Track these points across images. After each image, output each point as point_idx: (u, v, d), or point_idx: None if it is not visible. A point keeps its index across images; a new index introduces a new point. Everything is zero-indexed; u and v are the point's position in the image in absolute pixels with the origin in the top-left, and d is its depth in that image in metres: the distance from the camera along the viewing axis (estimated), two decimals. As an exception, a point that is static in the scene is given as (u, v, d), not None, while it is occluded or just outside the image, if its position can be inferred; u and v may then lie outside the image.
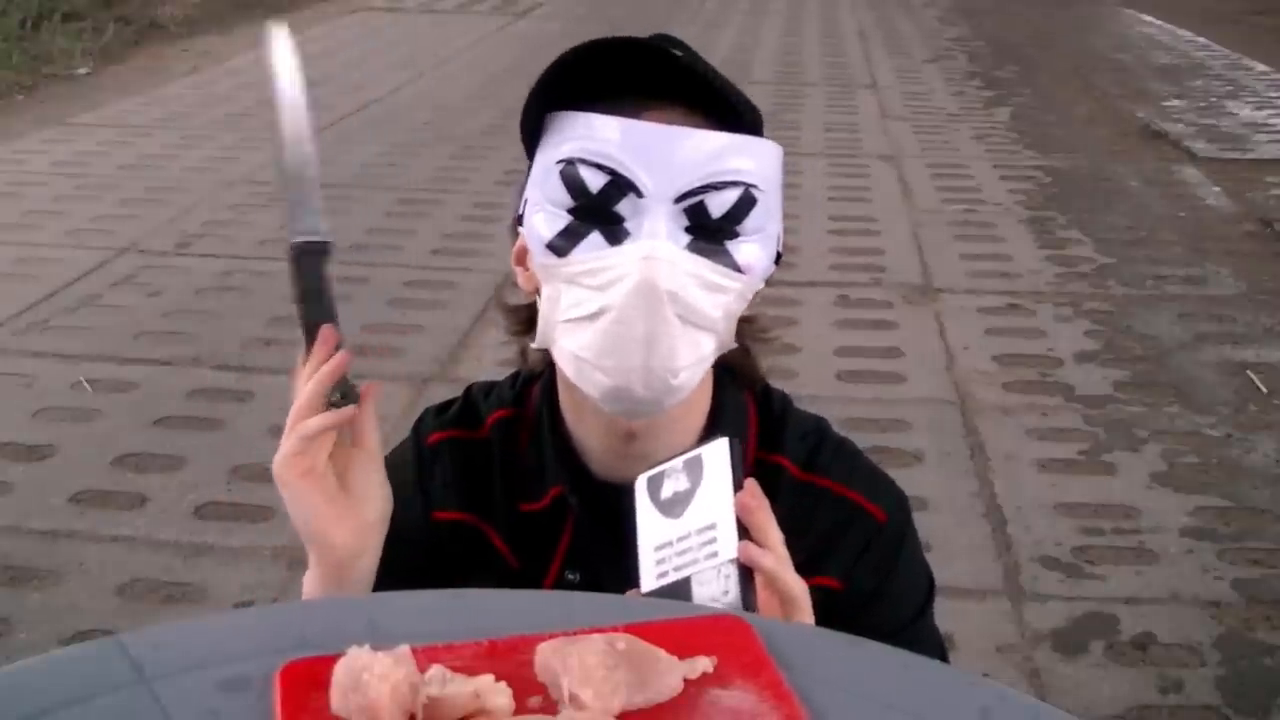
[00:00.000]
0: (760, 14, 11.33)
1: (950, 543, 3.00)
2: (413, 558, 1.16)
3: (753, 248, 1.05)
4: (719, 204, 1.03)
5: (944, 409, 3.75)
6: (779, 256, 1.10)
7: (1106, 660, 2.67)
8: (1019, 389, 3.90)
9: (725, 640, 0.82)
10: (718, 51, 9.07)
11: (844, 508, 1.16)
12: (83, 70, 8.42)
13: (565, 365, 1.07)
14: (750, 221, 1.04)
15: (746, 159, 1.04)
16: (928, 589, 1.22)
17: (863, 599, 1.15)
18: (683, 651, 0.80)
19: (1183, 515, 3.20)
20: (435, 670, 0.76)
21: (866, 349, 4.17)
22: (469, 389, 1.25)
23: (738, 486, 0.94)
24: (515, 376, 1.24)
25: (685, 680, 0.79)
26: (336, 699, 0.75)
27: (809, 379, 3.78)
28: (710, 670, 0.80)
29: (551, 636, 0.80)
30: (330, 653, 0.77)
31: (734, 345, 1.09)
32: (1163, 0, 11.80)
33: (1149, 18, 11.43)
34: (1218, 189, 6.10)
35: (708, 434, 1.13)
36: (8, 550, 2.99)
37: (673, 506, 0.96)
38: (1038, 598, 2.87)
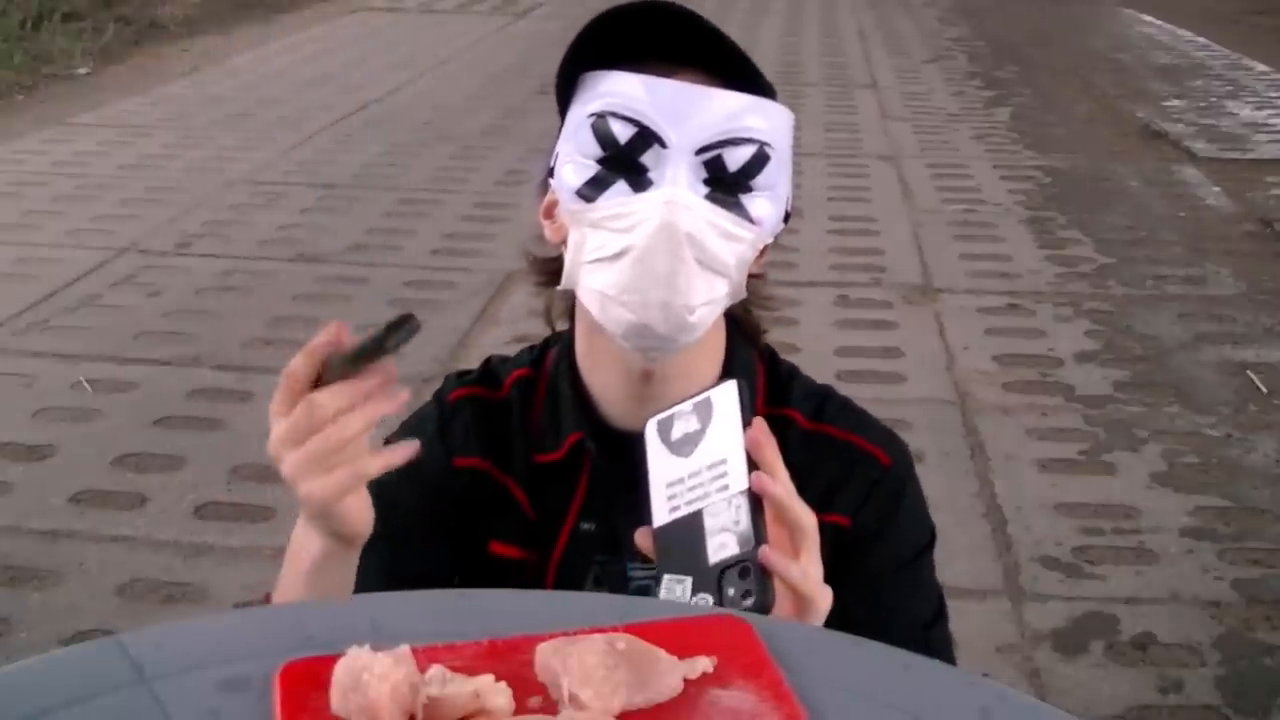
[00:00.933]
0: (760, 14, 11.33)
1: (950, 543, 2.98)
2: (434, 502, 1.21)
3: (764, 202, 1.13)
4: (735, 159, 1.11)
5: (944, 409, 3.75)
6: (787, 216, 1.18)
7: (1106, 660, 2.67)
8: (1019, 389, 3.90)
9: (725, 640, 0.82)
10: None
11: (850, 452, 1.23)
12: (83, 70, 8.42)
13: (590, 303, 1.14)
14: (763, 177, 1.12)
15: (761, 119, 1.12)
16: (929, 536, 1.28)
17: (867, 538, 1.20)
18: (683, 651, 0.80)
19: (1183, 515, 3.20)
20: (435, 670, 0.76)
21: (866, 349, 4.17)
22: (488, 359, 1.32)
23: (746, 424, 0.98)
24: (533, 347, 1.31)
25: (685, 680, 0.79)
26: (336, 699, 0.75)
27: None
28: (710, 670, 0.80)
29: (551, 636, 0.80)
30: (330, 653, 0.77)
31: (744, 295, 1.16)
32: (1163, 0, 11.80)
33: (1149, 17, 11.43)
34: (1218, 189, 6.10)
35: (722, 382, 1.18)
36: (8, 550, 2.99)
37: (683, 446, 1.00)
38: (1038, 598, 2.87)
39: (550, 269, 1.22)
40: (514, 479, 1.23)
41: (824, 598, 0.99)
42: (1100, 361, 4.10)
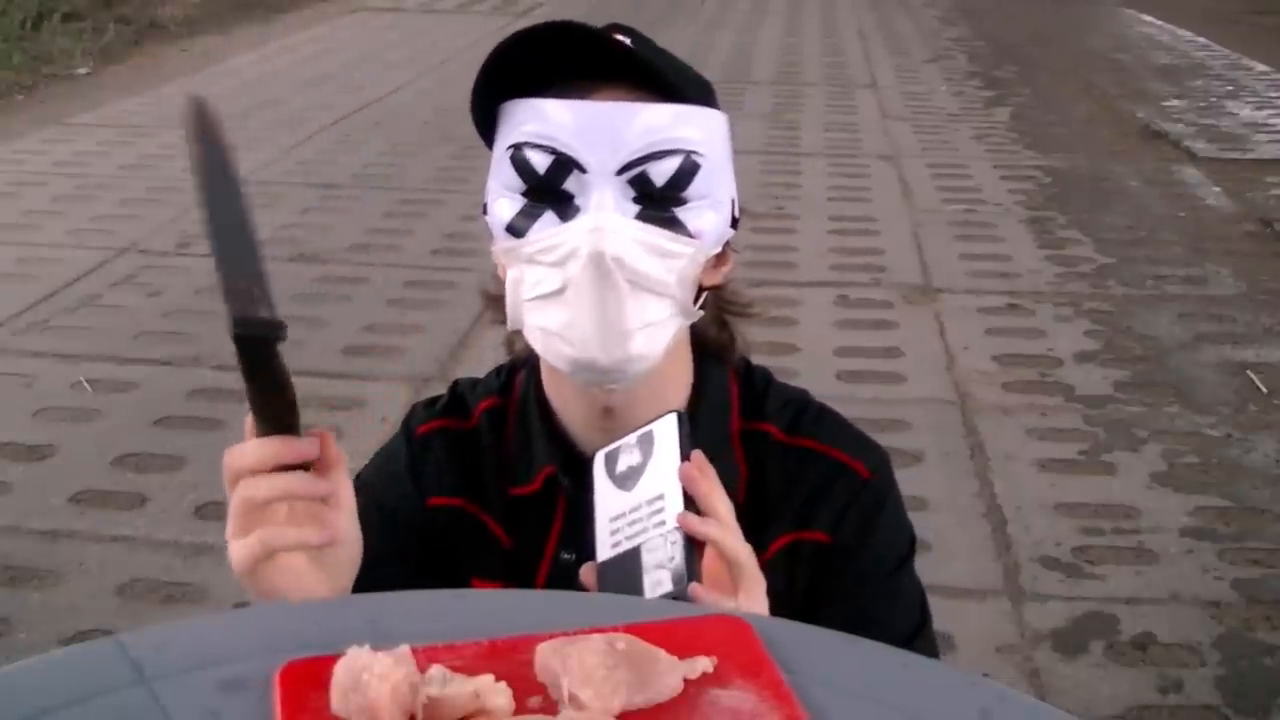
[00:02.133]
0: (760, 14, 11.33)
1: (950, 543, 3.00)
2: (411, 544, 1.19)
3: (703, 212, 1.09)
4: (660, 172, 1.06)
5: (944, 409, 3.75)
6: (735, 221, 1.13)
7: (1106, 660, 2.67)
8: (1019, 389, 3.90)
9: (725, 640, 0.82)
10: (718, 51, 9.08)
11: (828, 465, 1.20)
12: (83, 70, 8.42)
13: (534, 342, 1.11)
14: (695, 187, 1.08)
15: (687, 128, 1.07)
16: (909, 545, 1.24)
17: (848, 551, 1.18)
18: (683, 651, 0.80)
19: (1183, 515, 3.20)
20: (435, 670, 0.76)
21: (866, 349, 4.17)
22: (455, 384, 1.28)
23: (684, 457, 0.98)
24: (500, 369, 1.27)
25: (685, 680, 0.79)
26: (336, 699, 0.75)
27: (809, 379, 3.75)
28: (710, 670, 0.80)
29: (551, 636, 0.80)
30: (330, 653, 0.77)
31: (700, 314, 1.12)
32: (1163, 0, 11.80)
33: (1149, 18, 11.43)
34: (1218, 189, 6.10)
35: (691, 409, 1.17)
36: (8, 550, 2.99)
37: (626, 480, 1.00)
38: (1038, 598, 2.87)
39: (505, 305, 1.18)
40: (489, 513, 1.20)
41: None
42: (1100, 361, 4.10)
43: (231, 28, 10.08)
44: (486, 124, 1.13)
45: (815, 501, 1.18)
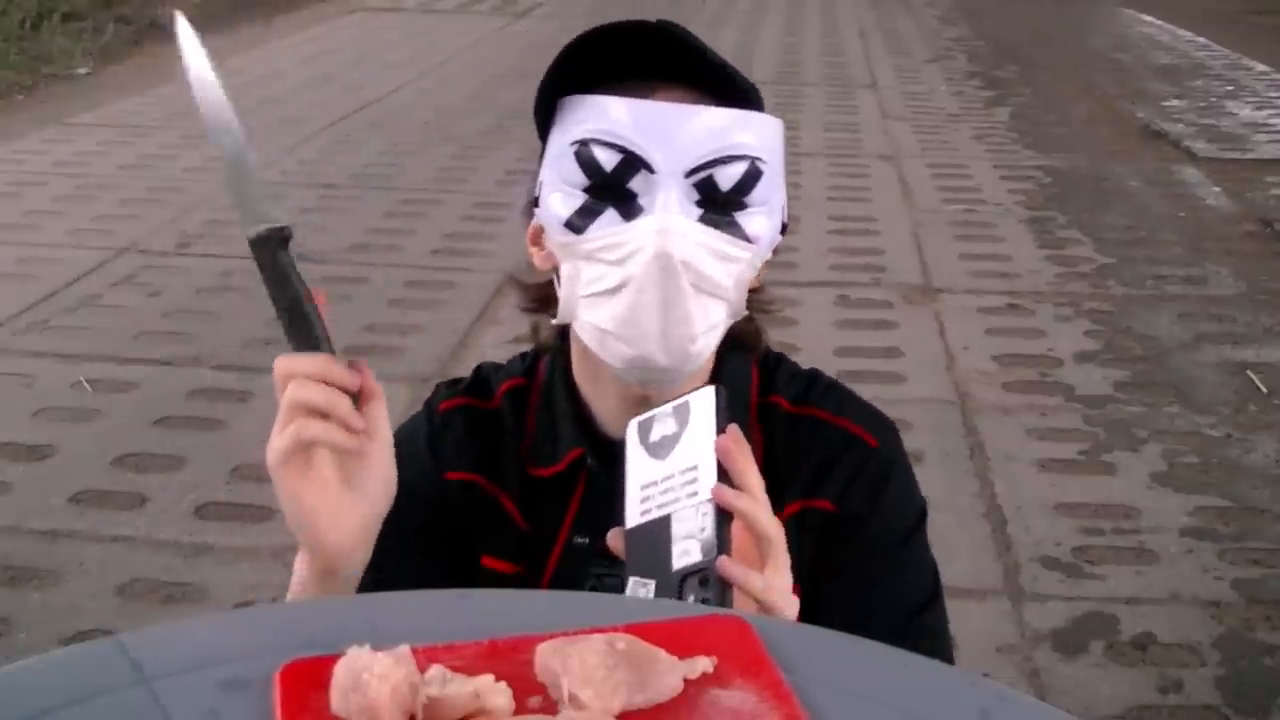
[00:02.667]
0: (760, 14, 11.33)
1: (950, 543, 3.00)
2: (425, 517, 1.19)
3: (760, 218, 1.10)
4: (727, 177, 1.07)
5: (944, 409, 3.75)
6: (784, 227, 1.14)
7: (1106, 660, 2.68)
8: (1019, 389, 3.90)
9: (725, 640, 0.82)
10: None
11: (836, 435, 1.20)
12: (83, 70, 8.42)
13: (588, 338, 1.11)
14: (757, 193, 1.09)
15: (750, 134, 1.09)
16: (919, 515, 1.24)
17: (855, 521, 1.18)
18: (683, 651, 0.80)
19: (1183, 515, 3.20)
20: (435, 670, 0.76)
21: (866, 349, 4.17)
22: (479, 366, 1.29)
23: (720, 430, 0.97)
24: (524, 354, 1.28)
25: (685, 680, 0.79)
26: (336, 699, 0.75)
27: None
28: (710, 670, 0.80)
29: (551, 636, 0.80)
30: (330, 653, 0.77)
31: (745, 313, 1.13)
32: (1163, 0, 11.80)
33: (1149, 18, 11.43)
34: (1218, 189, 6.10)
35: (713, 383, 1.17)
36: (8, 550, 2.99)
37: (660, 449, 0.99)
38: (1038, 598, 2.87)
39: (538, 295, 1.20)
40: (506, 492, 1.21)
41: (789, 608, 0.98)
42: (1100, 361, 4.10)
43: (231, 28, 10.08)
44: (543, 119, 1.13)
45: (823, 471, 1.19)
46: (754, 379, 1.23)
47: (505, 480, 1.21)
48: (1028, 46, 10.05)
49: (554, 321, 1.15)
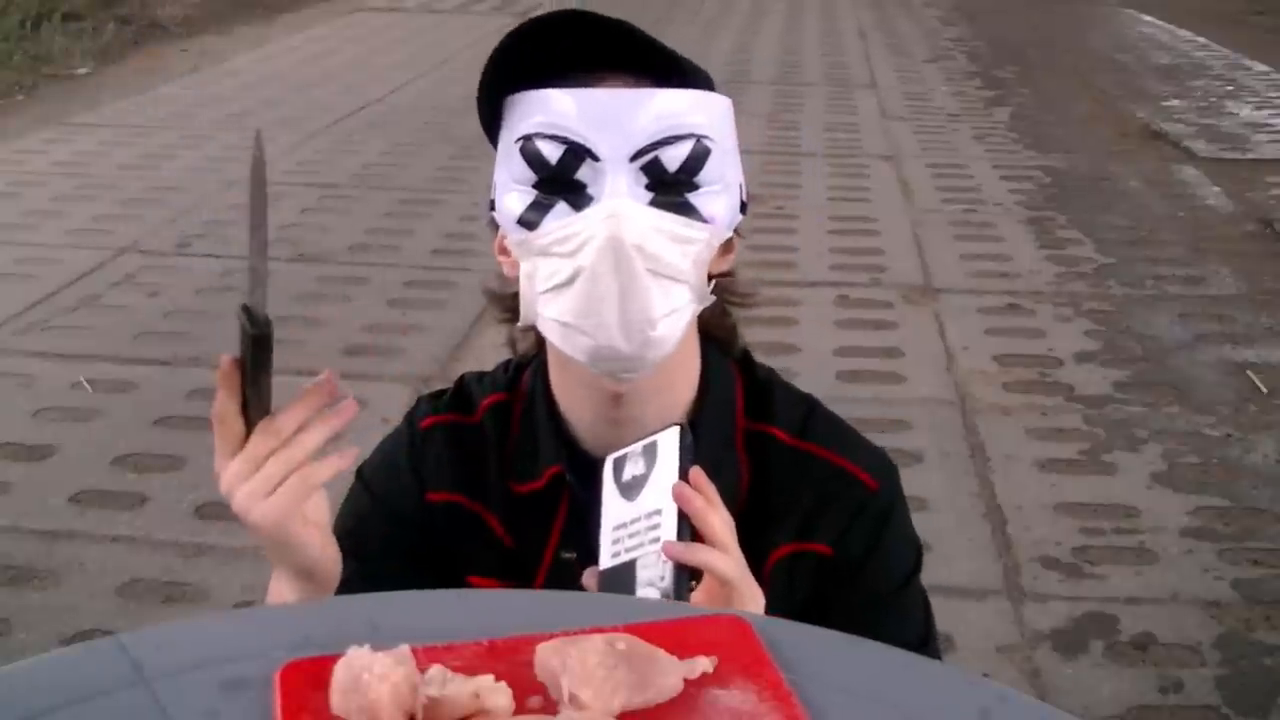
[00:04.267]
0: (760, 14, 11.33)
1: (950, 543, 3.00)
2: (410, 539, 1.19)
3: (715, 198, 1.09)
4: (673, 158, 1.06)
5: (944, 409, 3.75)
6: (744, 206, 1.13)
7: (1106, 660, 2.67)
8: (1019, 389, 3.90)
9: (725, 640, 0.82)
10: (718, 52, 9.07)
11: (835, 475, 1.18)
12: (83, 70, 8.42)
13: (550, 334, 1.10)
14: (707, 172, 1.08)
15: (696, 113, 1.08)
16: (916, 557, 1.23)
17: (852, 565, 1.17)
18: (683, 651, 0.80)
19: (1183, 515, 3.20)
20: (435, 670, 0.76)
21: (866, 349, 4.17)
22: (462, 377, 1.28)
23: (683, 473, 0.97)
24: (508, 364, 1.27)
25: (685, 680, 0.79)
26: (336, 699, 0.75)
27: (809, 379, 3.77)
28: (710, 670, 0.80)
29: (551, 636, 0.80)
30: (330, 653, 0.77)
31: (712, 299, 1.12)
32: (1163, 0, 11.80)
33: (1149, 17, 11.43)
34: (1218, 189, 6.10)
35: (698, 403, 1.17)
36: (8, 550, 2.99)
37: (630, 489, 1.00)
38: (1038, 598, 2.87)
39: (511, 304, 1.18)
40: (489, 509, 1.20)
41: None
42: (1100, 361, 4.10)
43: (231, 28, 10.08)
44: (490, 120, 1.13)
45: (819, 511, 1.17)
46: (739, 392, 1.21)
47: (488, 498, 1.20)
48: (1028, 46, 10.05)
49: (519, 325, 1.14)
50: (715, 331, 1.19)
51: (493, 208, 1.13)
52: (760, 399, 1.21)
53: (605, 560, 0.99)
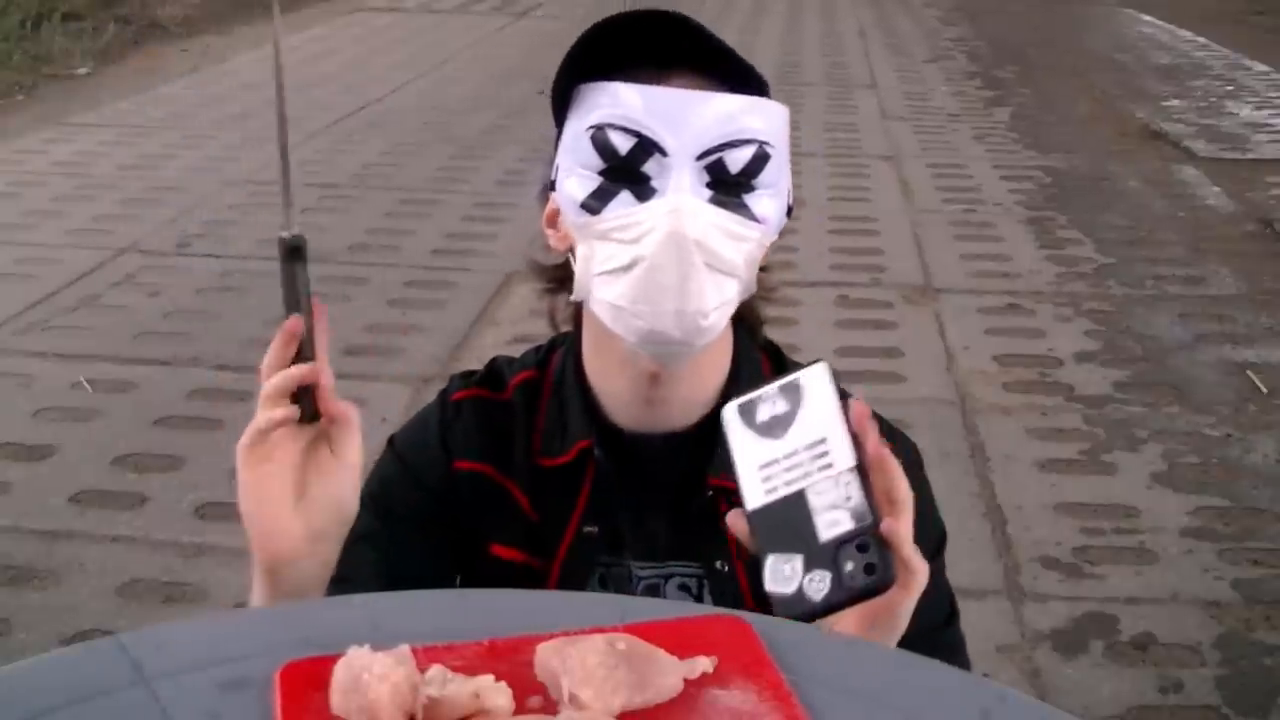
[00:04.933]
0: (760, 14, 11.33)
1: (950, 543, 2.99)
2: (435, 508, 1.22)
3: (767, 200, 1.14)
4: (736, 160, 1.11)
5: (944, 409, 3.75)
6: (790, 210, 1.19)
7: (1106, 660, 2.68)
8: (1019, 389, 3.90)
9: (725, 640, 0.82)
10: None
11: None
12: (83, 70, 8.42)
13: (603, 314, 1.14)
14: (765, 176, 1.13)
15: (759, 119, 1.13)
16: (940, 538, 1.28)
17: None
18: (683, 651, 0.80)
19: (1183, 515, 3.20)
20: (435, 670, 0.76)
21: (866, 349, 4.17)
22: (494, 359, 1.32)
23: (842, 405, 0.97)
24: (539, 347, 1.31)
25: (685, 680, 0.79)
26: (336, 699, 0.75)
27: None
28: (710, 670, 0.80)
29: (551, 636, 0.80)
30: (330, 653, 0.77)
31: (754, 291, 1.17)
32: (1163, 0, 11.80)
33: (1149, 17, 11.43)
34: (1218, 189, 6.10)
35: (729, 384, 1.21)
36: (8, 550, 2.99)
37: (772, 429, 0.98)
38: (1038, 598, 2.87)
39: (555, 275, 1.23)
40: (515, 482, 1.23)
41: (924, 570, 0.98)
42: (1100, 361, 4.10)
43: (231, 28, 10.08)
44: (559, 106, 1.17)
45: None
46: (766, 369, 1.25)
47: (515, 470, 1.23)
48: (1028, 46, 10.05)
49: (570, 299, 1.18)
50: (746, 319, 1.24)
51: (553, 188, 1.17)
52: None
53: (756, 499, 0.96)
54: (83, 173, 6.05)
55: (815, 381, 0.99)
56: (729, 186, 1.11)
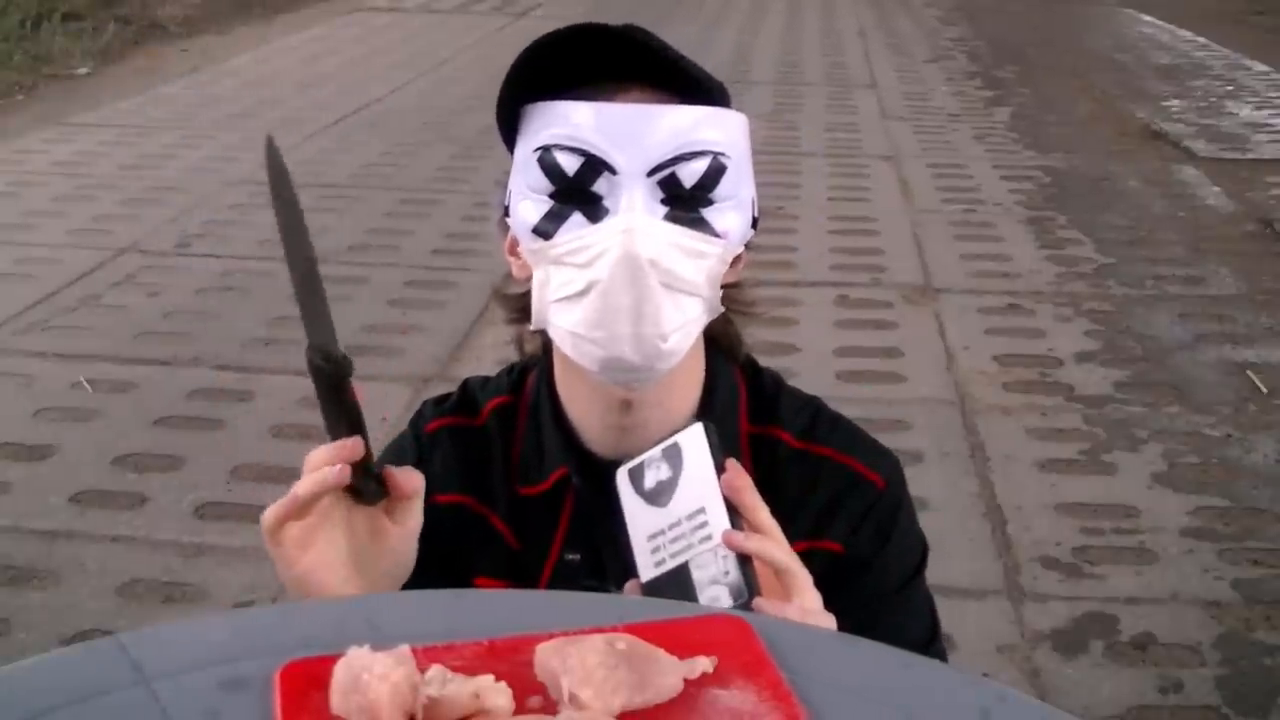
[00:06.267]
0: (760, 14, 11.33)
1: (950, 543, 3.00)
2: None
3: (728, 213, 1.10)
4: (690, 173, 1.07)
5: (944, 409, 3.75)
6: (755, 221, 1.14)
7: (1106, 660, 2.68)
8: (1019, 389, 3.90)
9: (725, 640, 0.82)
10: (718, 51, 9.07)
11: (843, 474, 1.20)
12: (83, 70, 8.42)
13: (561, 342, 1.11)
14: (721, 188, 1.09)
15: (713, 130, 1.08)
16: (922, 554, 1.25)
17: (860, 563, 1.18)
18: (683, 651, 0.80)
19: (1183, 515, 3.20)
20: (435, 670, 0.76)
21: (866, 349, 4.17)
22: (465, 382, 1.29)
23: (719, 468, 0.97)
24: (511, 368, 1.28)
25: (685, 680, 0.79)
26: (336, 699, 0.75)
27: (809, 379, 3.78)
28: (710, 670, 0.80)
29: (551, 636, 0.80)
30: (330, 653, 0.77)
31: (721, 309, 1.13)
32: (1163, 0, 11.80)
33: (1149, 17, 11.43)
34: (1218, 189, 6.10)
35: (702, 408, 1.18)
36: (8, 550, 2.99)
37: (658, 495, 0.99)
38: (1038, 598, 2.87)
39: (520, 305, 1.19)
40: (495, 511, 1.21)
41: (828, 625, 0.99)
42: (1100, 361, 4.10)
43: (231, 28, 10.08)
44: (508, 128, 1.14)
45: (830, 511, 1.18)
46: (743, 396, 1.22)
47: (494, 499, 1.21)
48: (1028, 46, 10.05)
49: (530, 329, 1.15)
50: (720, 339, 1.20)
51: (507, 213, 1.14)
52: (765, 403, 1.23)
53: (647, 571, 0.97)
54: (83, 173, 6.05)
55: (692, 444, 0.98)
56: (685, 201, 1.07)
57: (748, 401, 1.22)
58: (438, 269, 4.89)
